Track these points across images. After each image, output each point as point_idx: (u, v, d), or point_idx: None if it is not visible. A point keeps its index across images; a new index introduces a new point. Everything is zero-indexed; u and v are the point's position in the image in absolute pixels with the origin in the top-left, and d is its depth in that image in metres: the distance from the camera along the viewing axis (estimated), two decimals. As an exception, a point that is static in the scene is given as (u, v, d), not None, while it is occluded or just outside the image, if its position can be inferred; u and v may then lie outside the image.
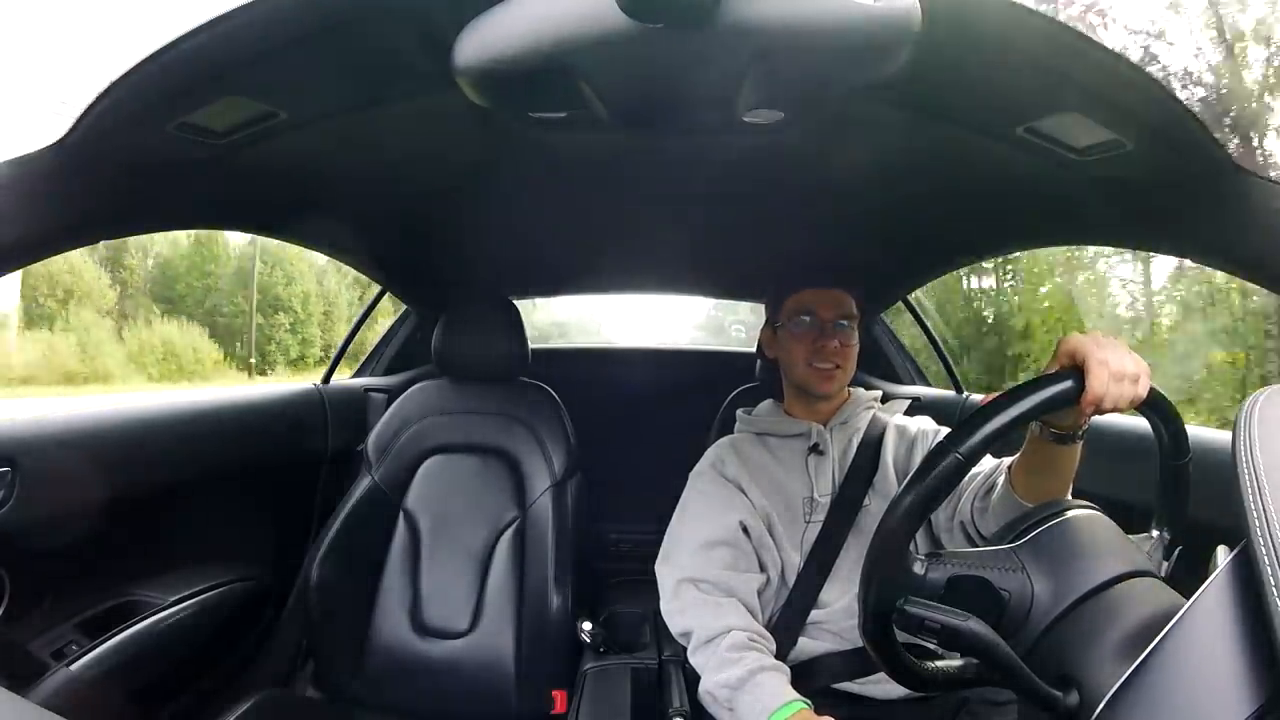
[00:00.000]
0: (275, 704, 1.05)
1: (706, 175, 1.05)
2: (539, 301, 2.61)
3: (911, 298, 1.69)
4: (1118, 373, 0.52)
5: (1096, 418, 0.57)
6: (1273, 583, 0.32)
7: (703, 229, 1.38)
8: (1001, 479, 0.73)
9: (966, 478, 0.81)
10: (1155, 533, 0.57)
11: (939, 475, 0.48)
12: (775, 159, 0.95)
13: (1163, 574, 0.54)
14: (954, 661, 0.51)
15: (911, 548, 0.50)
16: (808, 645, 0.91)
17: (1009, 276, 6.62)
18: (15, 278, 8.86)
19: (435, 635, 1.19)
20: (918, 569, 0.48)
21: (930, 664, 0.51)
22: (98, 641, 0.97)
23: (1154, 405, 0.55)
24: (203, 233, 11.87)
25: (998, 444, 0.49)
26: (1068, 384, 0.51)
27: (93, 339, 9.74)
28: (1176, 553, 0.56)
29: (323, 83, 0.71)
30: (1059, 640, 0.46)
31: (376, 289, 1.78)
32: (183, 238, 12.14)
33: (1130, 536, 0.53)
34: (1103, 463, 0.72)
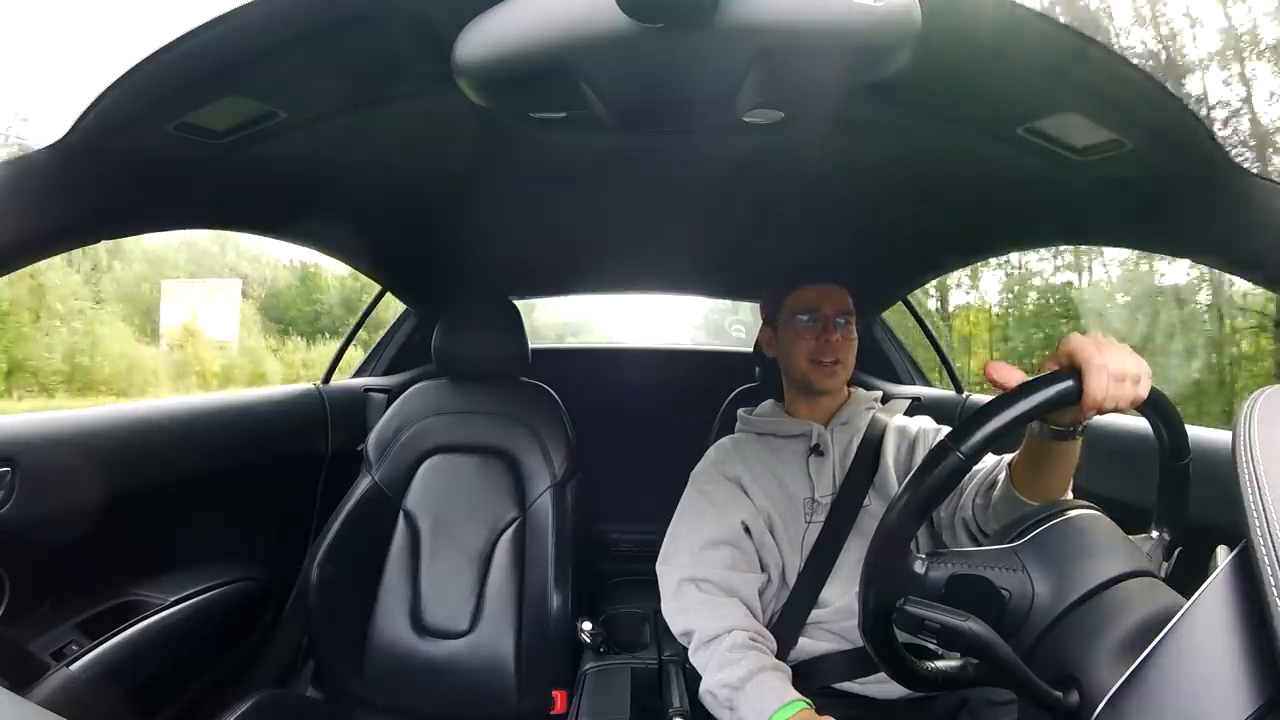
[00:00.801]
0: (275, 704, 1.05)
1: (706, 175, 1.05)
2: (537, 302, 2.62)
3: (911, 297, 1.69)
4: (1118, 374, 0.52)
5: (1097, 417, 0.57)
6: (1273, 583, 0.32)
7: (703, 229, 1.38)
8: (1003, 476, 0.73)
9: (967, 475, 0.81)
10: (1155, 534, 0.57)
11: (940, 474, 0.48)
12: (775, 159, 0.95)
13: (1162, 575, 0.54)
14: (953, 661, 0.51)
15: (912, 546, 0.50)
16: (808, 645, 0.91)
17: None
18: (236, 309, 10.85)
19: (435, 635, 1.19)
20: (918, 567, 0.48)
21: (930, 664, 0.51)
22: (98, 641, 0.97)
23: (1155, 406, 0.55)
24: (308, 265, 13.21)
25: (999, 443, 0.49)
26: (1068, 384, 0.51)
27: (302, 355, 11.70)
28: (1176, 553, 0.56)
29: (323, 83, 0.71)
30: (1059, 640, 0.46)
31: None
32: (287, 271, 13.57)
33: (1130, 537, 0.53)
34: (1103, 463, 0.72)
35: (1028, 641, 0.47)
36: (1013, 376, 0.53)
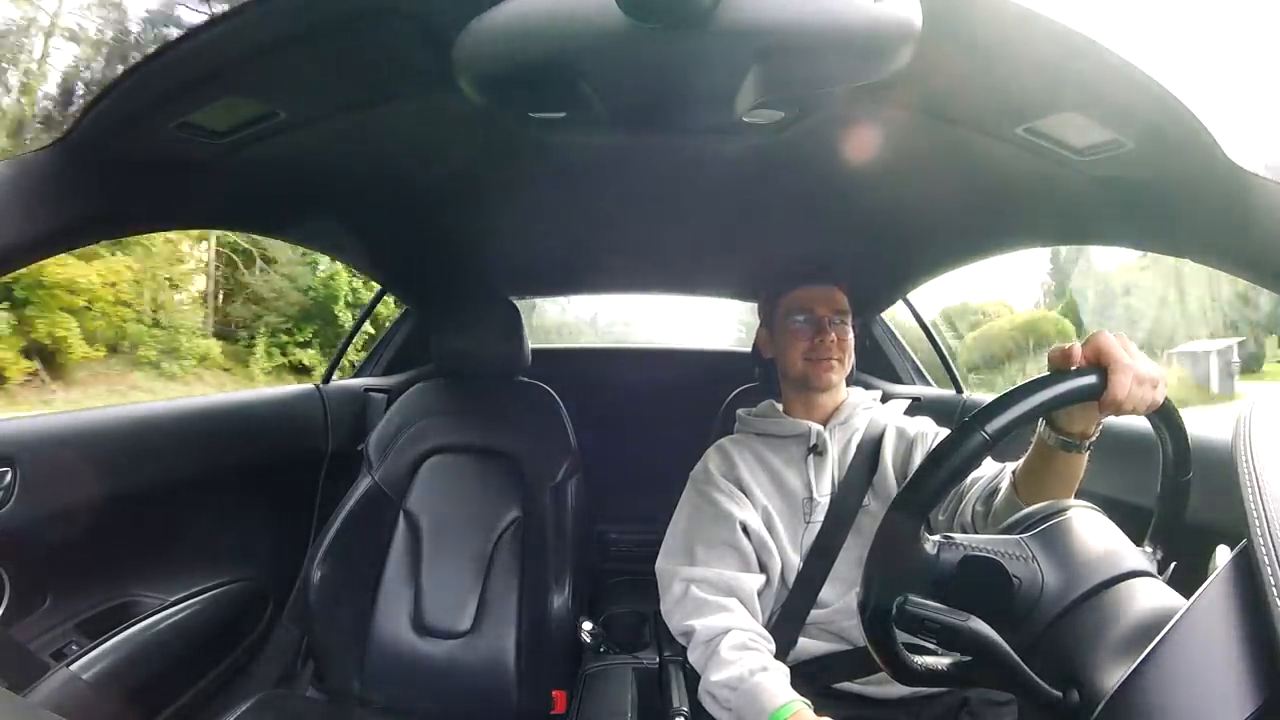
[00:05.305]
0: (275, 704, 1.05)
1: (706, 175, 1.05)
2: (537, 305, 2.61)
3: (909, 297, 1.69)
4: (1140, 376, 0.52)
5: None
6: (1273, 583, 0.32)
7: (703, 229, 1.38)
8: (1005, 483, 0.73)
9: (969, 480, 0.81)
10: (1149, 548, 0.57)
11: (964, 453, 0.47)
12: (775, 159, 0.95)
13: None
14: (952, 659, 0.51)
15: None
16: (807, 645, 0.91)
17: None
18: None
19: (436, 635, 1.19)
20: (930, 549, 0.48)
21: (927, 659, 0.51)
22: (98, 641, 0.97)
23: (1165, 415, 0.55)
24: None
25: (1017, 433, 0.48)
26: (1092, 380, 0.52)
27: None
28: (1172, 568, 0.56)
29: (323, 82, 0.71)
30: (1062, 637, 0.45)
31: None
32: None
33: None
34: (1103, 463, 0.72)
35: (1034, 633, 0.47)
36: (1076, 352, 0.54)
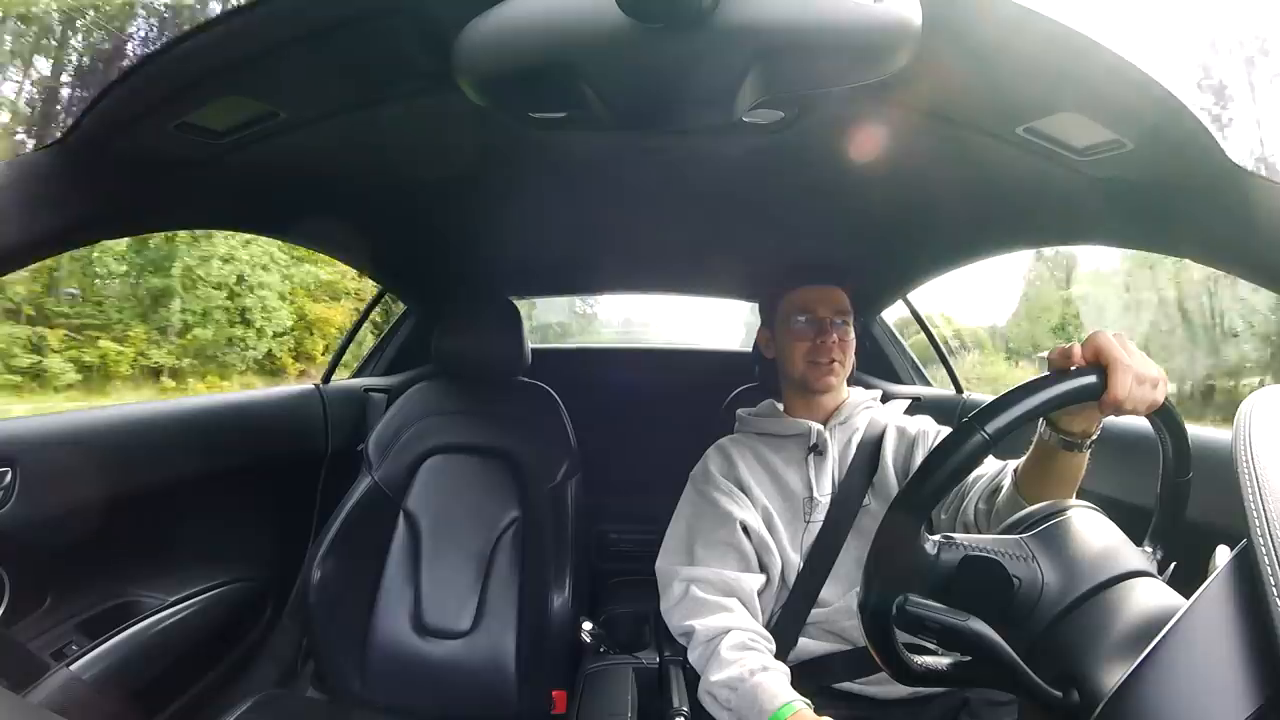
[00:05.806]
0: (275, 704, 1.05)
1: (706, 175, 1.05)
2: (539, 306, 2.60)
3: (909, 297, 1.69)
4: (1140, 376, 0.52)
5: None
6: (1273, 583, 0.32)
7: (703, 229, 1.38)
8: (1007, 481, 0.73)
9: (970, 478, 0.81)
10: (1149, 548, 0.57)
11: (964, 452, 0.47)
12: (775, 159, 0.95)
13: None
14: (949, 659, 0.51)
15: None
16: (808, 645, 0.91)
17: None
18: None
19: (436, 635, 1.19)
20: (930, 549, 0.48)
21: (927, 659, 0.51)
22: (98, 641, 0.97)
23: (1165, 415, 0.55)
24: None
25: (1017, 431, 0.48)
26: (1092, 379, 0.52)
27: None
28: (1172, 568, 0.56)
29: (323, 83, 0.71)
30: (1063, 636, 0.45)
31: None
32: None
33: None
34: (1103, 463, 0.72)
35: (1034, 632, 0.47)
36: (1075, 352, 0.54)
